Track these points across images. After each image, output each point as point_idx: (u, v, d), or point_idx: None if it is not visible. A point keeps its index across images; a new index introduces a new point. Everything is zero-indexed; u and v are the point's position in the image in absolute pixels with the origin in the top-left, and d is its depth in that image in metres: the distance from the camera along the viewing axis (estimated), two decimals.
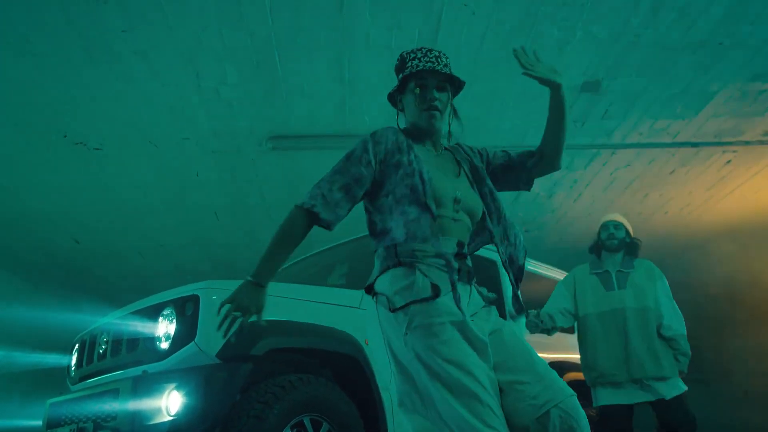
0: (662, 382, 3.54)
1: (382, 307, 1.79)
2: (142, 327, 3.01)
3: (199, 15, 3.69)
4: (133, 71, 4.14)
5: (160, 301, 3.03)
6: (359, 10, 3.73)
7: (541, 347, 4.38)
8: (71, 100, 4.39)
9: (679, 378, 3.62)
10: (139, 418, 2.66)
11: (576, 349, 4.79)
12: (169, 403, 2.66)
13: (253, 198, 6.15)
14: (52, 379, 6.44)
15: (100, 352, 3.30)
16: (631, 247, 3.89)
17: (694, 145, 5.51)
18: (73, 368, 3.63)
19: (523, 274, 2.03)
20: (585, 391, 4.43)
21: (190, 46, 3.94)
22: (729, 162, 5.92)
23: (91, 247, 7.14)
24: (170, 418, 2.63)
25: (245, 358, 2.84)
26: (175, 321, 2.87)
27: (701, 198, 6.73)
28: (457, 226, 1.89)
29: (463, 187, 1.96)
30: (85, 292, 8.53)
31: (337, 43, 4.00)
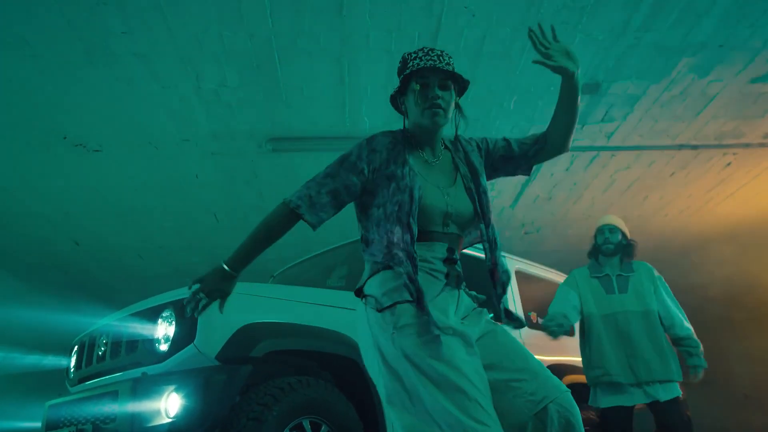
0: (661, 385, 3.55)
1: (370, 308, 1.81)
2: (141, 329, 3.01)
3: (199, 17, 3.69)
4: (133, 73, 4.15)
5: (159, 303, 3.02)
6: (359, 12, 3.73)
7: (540, 349, 4.38)
8: (71, 101, 4.39)
9: (677, 384, 3.63)
10: (138, 420, 2.66)
11: (574, 352, 4.79)
12: (168, 405, 2.66)
13: (253, 200, 6.15)
14: (51, 381, 6.43)
15: (99, 353, 3.29)
16: (627, 249, 3.89)
17: (694, 147, 5.51)
18: (72, 370, 3.63)
19: (509, 278, 1.98)
20: (584, 393, 4.43)
21: (189, 48, 3.95)
22: (729, 164, 5.93)
23: (91, 249, 7.14)
24: (169, 420, 2.63)
25: (244, 360, 2.84)
26: (174, 323, 2.86)
27: (701, 200, 6.73)
28: (448, 237, 1.91)
29: (456, 197, 1.92)
30: (84, 294, 8.51)
31: (337, 45, 4.01)
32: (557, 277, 5.27)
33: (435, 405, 1.59)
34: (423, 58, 1.91)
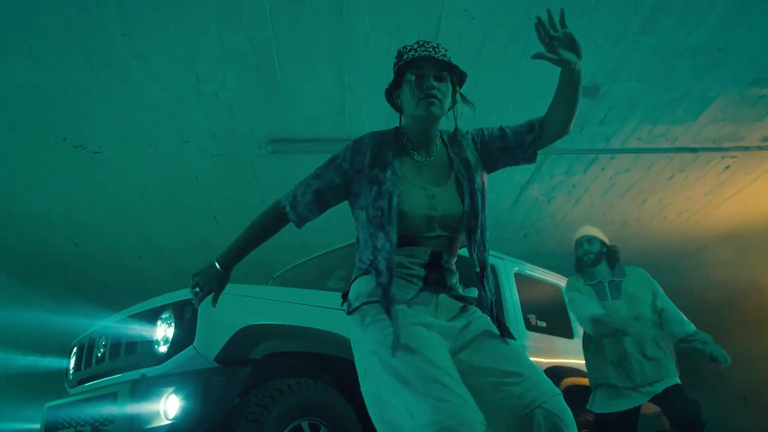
0: (657, 383, 3.58)
1: (347, 312, 1.88)
2: (140, 330, 3.01)
3: (199, 18, 3.70)
4: (133, 75, 4.15)
5: (158, 305, 3.03)
6: (359, 13, 3.74)
7: (540, 352, 4.39)
8: (71, 103, 4.39)
9: (675, 376, 3.64)
10: (137, 422, 2.66)
11: (573, 355, 4.81)
12: (168, 407, 2.66)
13: (253, 201, 6.14)
14: (50, 383, 6.43)
15: (99, 355, 3.30)
16: (610, 256, 3.94)
17: (693, 150, 5.51)
18: (71, 371, 3.63)
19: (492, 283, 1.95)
20: (583, 396, 4.43)
21: (189, 49, 3.95)
22: (728, 167, 5.93)
23: (90, 250, 7.14)
24: (168, 422, 2.63)
25: (244, 362, 2.84)
26: (173, 324, 2.87)
27: (700, 203, 6.74)
28: (435, 241, 1.86)
29: (445, 197, 1.87)
30: (83, 295, 8.52)
31: (337, 46, 4.01)
32: (556, 279, 5.27)
33: (399, 393, 1.58)
34: (418, 50, 1.86)
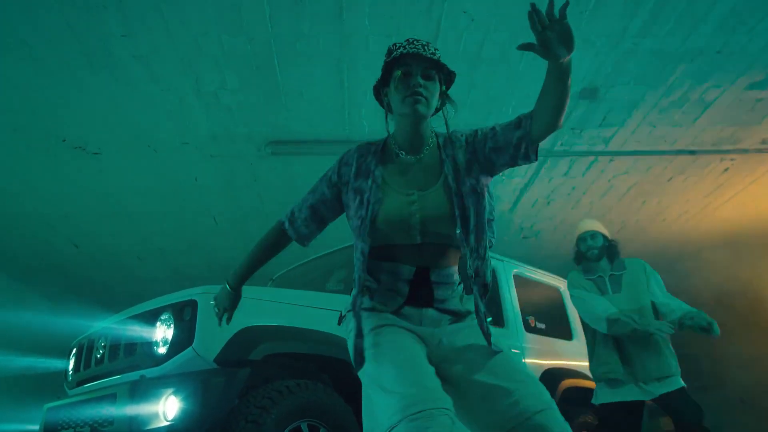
0: (659, 382, 3.56)
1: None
2: (139, 332, 3.01)
3: (199, 20, 3.70)
4: (133, 76, 4.15)
5: (157, 306, 3.03)
6: (358, 16, 3.75)
7: (539, 354, 4.39)
8: (70, 104, 4.40)
9: (678, 376, 3.61)
10: (136, 423, 2.66)
11: (572, 356, 4.81)
12: (167, 408, 2.66)
13: (252, 203, 6.15)
14: (50, 384, 6.43)
15: (98, 356, 3.29)
16: (611, 250, 3.91)
17: (692, 152, 5.52)
18: (70, 373, 3.63)
19: (488, 291, 1.86)
20: (581, 397, 4.44)
21: (189, 51, 3.95)
22: (727, 170, 5.94)
23: (90, 251, 7.14)
24: (168, 423, 2.63)
25: (243, 363, 2.84)
26: (172, 326, 2.87)
27: (699, 205, 6.75)
28: (421, 252, 1.83)
29: (430, 201, 1.81)
30: (83, 297, 8.52)
31: (337, 48, 4.02)
32: (555, 281, 5.28)
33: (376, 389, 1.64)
34: (407, 47, 1.83)
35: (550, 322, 4.85)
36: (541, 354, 4.43)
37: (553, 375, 4.34)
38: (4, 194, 5.66)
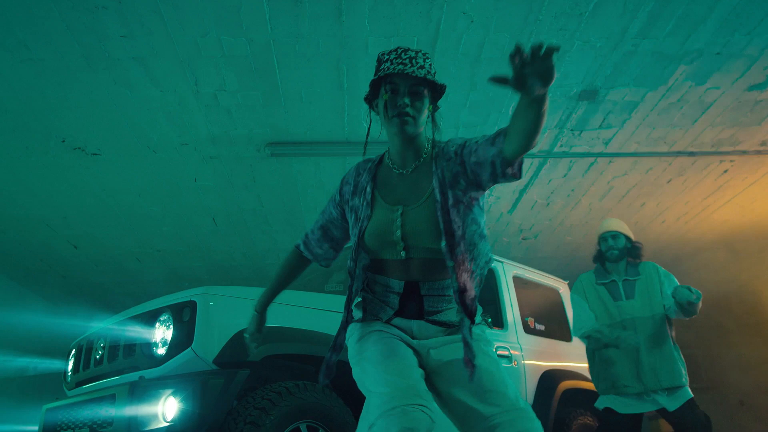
0: (669, 395, 3.50)
1: None
2: (138, 332, 3.01)
3: (198, 21, 3.70)
4: (132, 77, 4.15)
5: (157, 307, 3.03)
6: (358, 17, 3.75)
7: (537, 355, 4.39)
8: (69, 105, 4.40)
9: (687, 385, 3.56)
10: (135, 424, 2.66)
11: (570, 358, 4.80)
12: (166, 409, 2.67)
13: (251, 204, 6.15)
14: (49, 385, 6.43)
15: (97, 357, 3.30)
16: (633, 252, 3.83)
17: (691, 154, 5.53)
18: (69, 373, 3.63)
19: (475, 307, 1.82)
20: (580, 399, 4.44)
21: (188, 52, 3.96)
22: (726, 171, 5.95)
23: (89, 252, 7.14)
24: (167, 424, 2.64)
25: (242, 364, 2.84)
26: (171, 327, 2.87)
27: (698, 207, 6.76)
28: (409, 265, 1.83)
29: (414, 216, 1.80)
30: (82, 298, 8.53)
31: (336, 50, 4.02)
32: (554, 282, 5.28)
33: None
34: (394, 62, 1.77)
35: (550, 324, 4.86)
36: (541, 355, 4.43)
37: (552, 376, 4.34)
38: (3, 195, 5.66)
